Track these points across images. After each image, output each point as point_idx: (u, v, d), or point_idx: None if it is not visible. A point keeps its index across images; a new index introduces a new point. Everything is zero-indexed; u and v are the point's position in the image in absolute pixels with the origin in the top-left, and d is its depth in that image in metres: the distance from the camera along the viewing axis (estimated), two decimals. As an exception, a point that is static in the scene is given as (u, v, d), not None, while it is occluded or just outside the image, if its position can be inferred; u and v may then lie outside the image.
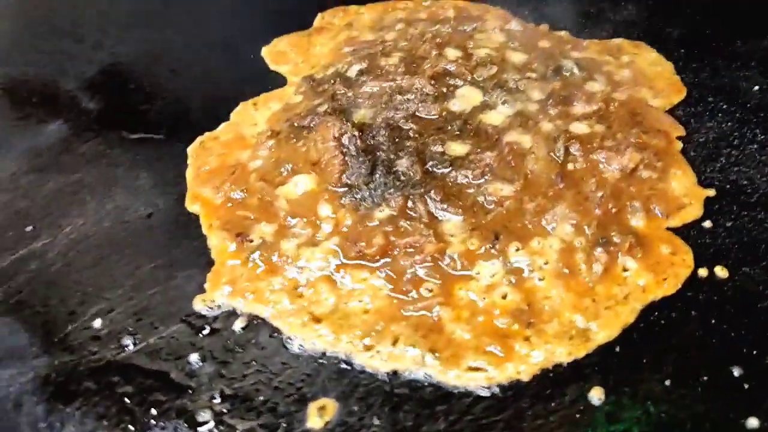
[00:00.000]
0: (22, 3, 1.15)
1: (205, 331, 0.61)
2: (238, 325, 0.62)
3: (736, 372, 0.55)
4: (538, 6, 1.00)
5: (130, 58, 0.98)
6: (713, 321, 0.59)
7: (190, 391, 0.57)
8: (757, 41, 0.91)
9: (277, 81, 0.92)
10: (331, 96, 0.81)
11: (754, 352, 0.56)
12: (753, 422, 0.52)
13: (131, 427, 0.55)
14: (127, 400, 0.57)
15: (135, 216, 0.73)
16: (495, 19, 0.98)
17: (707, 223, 0.68)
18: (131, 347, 0.61)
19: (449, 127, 0.74)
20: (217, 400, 0.56)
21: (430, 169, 0.70)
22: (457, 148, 0.72)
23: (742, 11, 0.98)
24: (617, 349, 0.58)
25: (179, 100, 0.90)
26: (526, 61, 0.85)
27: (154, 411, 0.56)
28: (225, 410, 0.56)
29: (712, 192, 0.70)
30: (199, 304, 0.63)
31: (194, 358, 0.59)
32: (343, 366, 0.58)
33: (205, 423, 0.55)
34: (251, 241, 0.67)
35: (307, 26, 1.02)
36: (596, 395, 0.54)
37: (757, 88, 0.83)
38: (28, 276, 0.67)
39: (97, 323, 0.63)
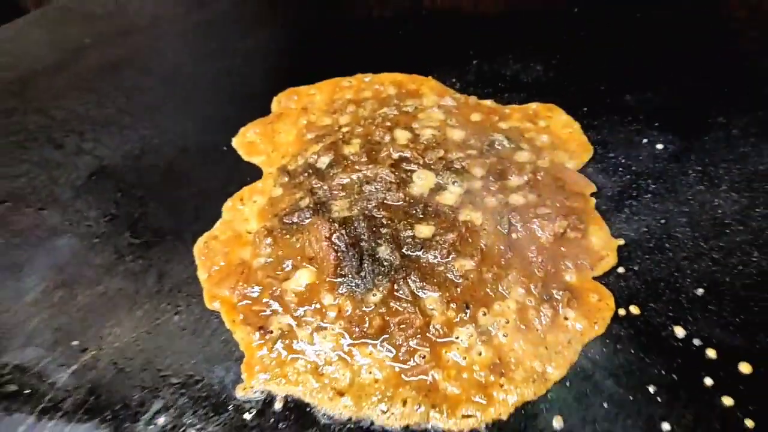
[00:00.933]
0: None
1: (251, 414, 0.77)
2: (276, 405, 0.77)
3: (652, 389, 0.76)
4: (462, 74, 1.18)
5: (113, 160, 1.10)
6: (632, 351, 0.80)
7: (251, 466, 0.73)
8: (643, 94, 1.13)
9: (252, 171, 1.06)
10: (309, 190, 0.96)
11: (663, 372, 0.77)
12: (666, 426, 0.73)
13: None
14: (204, 481, 0.72)
15: (164, 319, 0.87)
16: (430, 91, 1.15)
17: (621, 269, 0.88)
18: (194, 436, 0.76)
19: (413, 211, 0.92)
20: None
21: (406, 253, 0.87)
22: (424, 230, 0.90)
23: (629, 66, 1.19)
24: (567, 383, 0.78)
25: (169, 200, 1.03)
26: (464, 137, 1.04)
27: (225, 485, 0.72)
28: None
29: (622, 241, 0.91)
30: (240, 392, 0.79)
31: (247, 438, 0.75)
32: (367, 427, 0.76)
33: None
34: (271, 332, 0.83)
35: (266, 109, 1.17)
36: (557, 423, 0.74)
37: (646, 140, 1.05)
38: (89, 387, 0.80)
39: (161, 420, 0.77)
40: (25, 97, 1.22)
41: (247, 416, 0.77)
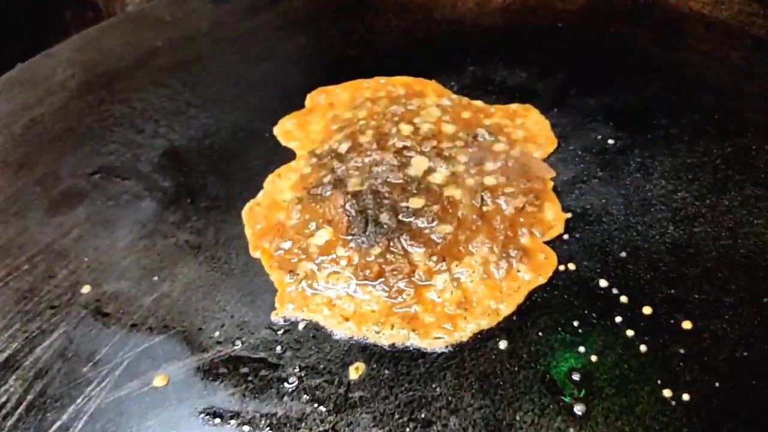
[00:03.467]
0: (81, 99, 1.54)
1: (282, 332, 1.05)
2: (300, 326, 1.06)
3: (576, 323, 1.02)
4: (460, 78, 1.45)
5: (181, 143, 1.40)
6: (565, 296, 1.07)
7: (281, 367, 1.01)
8: (604, 99, 1.38)
9: (288, 154, 1.35)
10: (331, 170, 1.25)
11: (586, 312, 1.04)
12: (582, 348, 0.99)
13: (254, 394, 0.98)
14: (246, 375, 1.01)
15: (221, 263, 1.16)
16: (432, 92, 1.42)
17: (566, 236, 1.14)
18: (240, 345, 1.04)
19: (409, 188, 1.19)
20: (297, 370, 0.99)
21: (402, 219, 1.15)
22: (417, 202, 1.17)
23: (596, 75, 1.44)
24: (515, 318, 1.05)
25: (224, 175, 1.32)
26: (455, 131, 1.31)
27: (261, 380, 1.00)
28: (303, 375, 0.99)
29: (569, 215, 1.17)
30: (274, 317, 1.07)
31: (279, 348, 1.03)
32: (364, 343, 1.04)
33: (293, 383, 0.99)
34: (298, 274, 1.12)
35: (301, 104, 1.45)
36: (503, 345, 1.01)
37: (600, 136, 1.30)
38: (166, 310, 1.08)
39: (217, 334, 1.05)
40: (112, 90, 1.53)
41: (279, 333, 1.06)
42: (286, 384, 0.98)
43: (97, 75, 1.57)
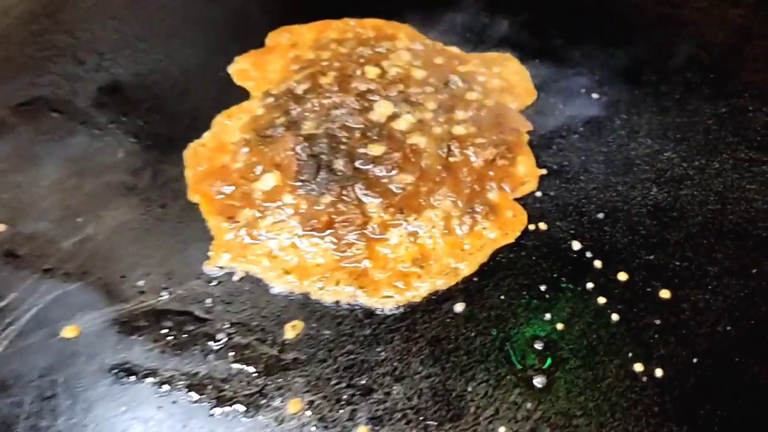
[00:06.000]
0: (24, 28, 1.40)
1: (214, 283, 0.94)
2: (235, 278, 0.95)
3: (543, 288, 0.92)
4: (435, 24, 1.33)
5: (126, 78, 1.27)
6: (534, 257, 0.96)
7: (210, 322, 0.90)
8: (592, 52, 1.26)
9: (242, 94, 1.22)
10: (285, 111, 1.12)
11: (555, 275, 0.93)
12: (547, 316, 0.88)
13: (175, 351, 0.88)
14: (169, 330, 0.90)
15: (154, 206, 1.04)
16: (405, 36, 1.30)
17: (538, 193, 1.03)
18: (166, 297, 0.93)
19: (369, 134, 1.08)
20: (227, 326, 0.89)
21: (358, 166, 1.03)
22: (376, 149, 1.05)
23: (585, 28, 1.32)
24: (475, 279, 0.94)
25: (170, 113, 1.20)
26: (425, 76, 1.19)
27: (186, 336, 0.89)
28: (233, 332, 0.89)
29: (544, 171, 1.06)
30: (207, 267, 0.96)
31: (209, 301, 0.92)
32: (305, 300, 0.93)
33: (221, 340, 0.88)
34: (238, 222, 1.00)
35: (261, 44, 1.33)
36: (459, 308, 0.90)
37: (584, 90, 1.19)
38: (87, 255, 0.97)
39: (141, 282, 0.94)
40: (56, 19, 1.39)
41: (211, 285, 0.94)
42: (212, 341, 0.88)
43: (43, 4, 1.44)
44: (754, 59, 1.28)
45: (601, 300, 0.90)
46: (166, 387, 0.83)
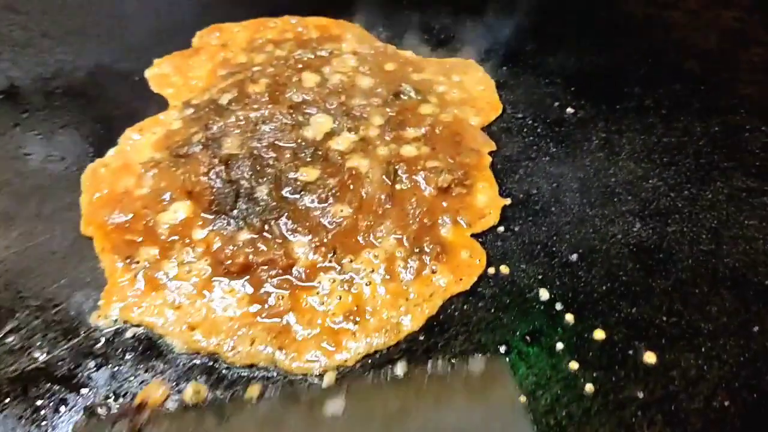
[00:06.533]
0: None
1: (100, 342, 0.77)
2: (128, 335, 0.77)
3: (503, 349, 0.75)
4: (390, 24, 1.16)
5: (23, 82, 1.08)
6: (492, 310, 0.79)
7: (91, 392, 0.73)
8: (567, 59, 1.10)
9: (160, 103, 1.04)
10: (205, 125, 0.95)
11: (518, 333, 0.77)
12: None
13: (44, 423, 0.70)
14: (39, 401, 0.72)
15: (37, 242, 0.86)
16: (353, 38, 1.12)
17: (501, 228, 0.87)
18: (41, 358, 0.76)
19: (302, 154, 0.90)
20: (111, 399, 0.72)
21: (284, 195, 0.86)
22: (308, 174, 0.88)
23: (558, 31, 1.16)
24: (421, 337, 0.77)
25: (71, 125, 1.02)
26: (372, 85, 1.01)
27: (62, 408, 0.72)
28: (112, 404, 0.72)
29: (508, 201, 0.90)
30: (94, 320, 0.79)
31: (92, 364, 0.75)
32: (211, 363, 0.75)
33: (102, 416, 0.71)
34: (138, 262, 0.82)
35: (187, 44, 1.15)
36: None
37: (557, 103, 1.03)
38: None
39: (10, 339, 0.77)
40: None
41: (96, 344, 0.77)
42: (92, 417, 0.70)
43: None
44: (750, 69, 1.13)
45: (573, 365, 0.74)
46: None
